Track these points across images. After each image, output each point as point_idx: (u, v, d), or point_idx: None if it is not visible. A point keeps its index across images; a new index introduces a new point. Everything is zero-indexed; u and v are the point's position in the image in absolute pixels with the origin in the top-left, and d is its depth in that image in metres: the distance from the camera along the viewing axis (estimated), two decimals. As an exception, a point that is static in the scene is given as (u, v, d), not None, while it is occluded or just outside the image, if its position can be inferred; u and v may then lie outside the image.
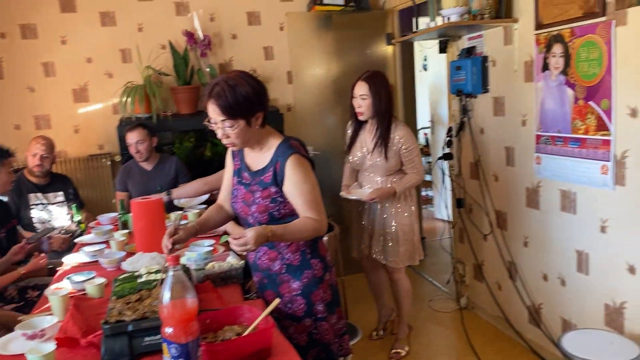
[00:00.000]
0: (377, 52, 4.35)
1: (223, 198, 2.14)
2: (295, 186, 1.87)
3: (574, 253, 2.67)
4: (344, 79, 4.27)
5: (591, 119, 2.44)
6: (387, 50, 4.37)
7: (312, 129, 4.27)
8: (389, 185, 2.93)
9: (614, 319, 2.48)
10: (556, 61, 2.61)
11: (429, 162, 6.11)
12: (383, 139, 2.88)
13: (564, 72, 2.57)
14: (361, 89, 2.86)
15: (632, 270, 2.35)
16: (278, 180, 1.88)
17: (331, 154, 4.34)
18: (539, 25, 2.70)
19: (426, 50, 5.53)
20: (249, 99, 1.79)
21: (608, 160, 2.37)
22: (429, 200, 6.43)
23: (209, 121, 1.84)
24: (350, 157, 3.06)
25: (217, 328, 1.58)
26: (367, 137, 2.98)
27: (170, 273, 1.31)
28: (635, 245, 2.32)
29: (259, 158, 1.95)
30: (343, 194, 3.06)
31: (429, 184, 6.11)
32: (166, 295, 1.29)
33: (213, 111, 1.79)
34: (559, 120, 2.63)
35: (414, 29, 3.48)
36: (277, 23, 4.28)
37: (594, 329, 2.44)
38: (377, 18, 4.32)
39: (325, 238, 2.59)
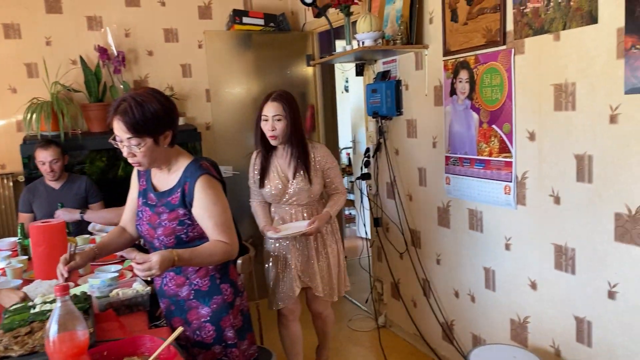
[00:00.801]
0: (297, 72, 4.39)
1: (126, 220, 2.05)
2: (205, 208, 1.82)
3: (481, 270, 2.78)
4: (263, 97, 4.26)
5: (494, 142, 2.56)
6: (308, 71, 4.42)
7: (231, 149, 4.21)
8: (324, 211, 2.72)
9: (518, 333, 2.59)
10: (462, 86, 2.73)
11: (352, 182, 6.21)
12: (303, 162, 2.67)
13: (470, 96, 2.69)
14: (274, 110, 2.61)
15: (533, 285, 2.47)
16: (187, 202, 1.83)
17: (251, 173, 4.30)
18: (446, 52, 2.82)
19: (347, 73, 5.64)
20: (157, 117, 1.73)
21: (510, 181, 2.49)
22: (351, 219, 6.53)
23: (114, 139, 1.76)
24: (267, 189, 2.72)
25: (116, 360, 1.50)
26: (283, 164, 2.72)
27: (58, 304, 1.22)
28: (535, 262, 2.44)
29: (166, 179, 1.89)
30: (272, 234, 2.65)
31: (351, 203, 6.19)
32: (53, 328, 1.21)
33: (119, 128, 1.72)
34: (466, 142, 2.74)
35: (333, 52, 3.54)
36: (196, 41, 4.22)
37: (500, 344, 2.53)
38: (297, 39, 4.36)
39: (239, 261, 2.55)
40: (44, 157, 3.28)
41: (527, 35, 2.33)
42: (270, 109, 2.63)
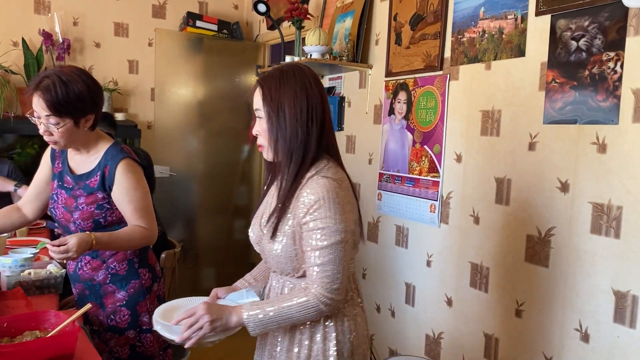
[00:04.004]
0: (246, 81, 4.41)
1: (26, 199, 1.98)
2: (125, 192, 1.80)
3: (403, 285, 2.85)
4: (209, 103, 4.27)
5: (425, 162, 2.67)
6: (256, 81, 4.45)
7: (171, 149, 4.17)
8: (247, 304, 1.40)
9: (432, 348, 2.66)
10: (400, 107, 2.84)
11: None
12: (284, 200, 1.41)
13: (406, 117, 2.80)
14: (255, 99, 1.44)
15: (449, 302, 2.56)
16: (106, 186, 1.80)
17: (188, 176, 4.27)
18: (388, 73, 2.93)
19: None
20: (80, 99, 1.71)
21: (436, 200, 2.60)
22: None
23: (32, 114, 1.72)
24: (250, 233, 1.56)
25: (16, 333, 1.45)
26: (274, 197, 1.49)
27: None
28: (453, 279, 2.53)
29: (84, 161, 1.85)
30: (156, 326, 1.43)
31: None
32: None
33: (38, 105, 1.68)
34: (399, 160, 2.84)
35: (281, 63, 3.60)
36: (146, 38, 4.18)
37: (413, 356, 2.60)
38: (249, 49, 4.40)
39: (162, 255, 2.52)
40: None
41: (462, 63, 2.47)
42: (254, 98, 1.45)
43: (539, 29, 2.10)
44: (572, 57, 1.98)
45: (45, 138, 1.73)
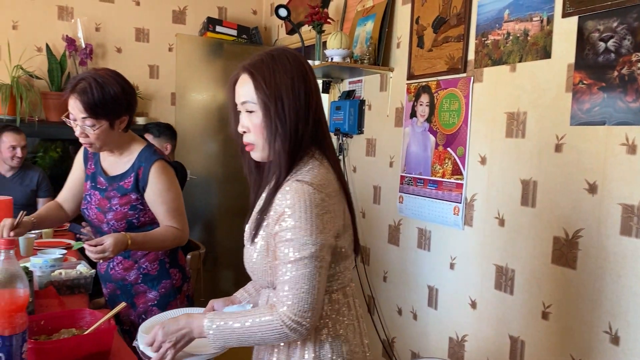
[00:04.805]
0: (264, 86, 4.44)
1: (64, 198, 2.02)
2: (159, 194, 1.82)
3: (426, 288, 2.85)
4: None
5: (448, 164, 2.67)
6: (275, 86, 4.48)
7: (191, 153, 4.21)
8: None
9: (456, 351, 2.65)
10: (423, 109, 2.84)
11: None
12: (265, 207, 1.29)
13: (429, 120, 2.80)
14: (243, 91, 1.28)
15: (473, 305, 2.55)
16: (140, 187, 1.82)
17: (208, 179, 4.30)
18: (410, 76, 2.94)
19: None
20: (116, 100, 1.73)
21: (460, 202, 2.59)
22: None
23: (67, 116, 1.75)
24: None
25: (52, 331, 1.47)
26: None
27: (1, 257, 1.20)
28: (477, 282, 2.52)
29: (117, 163, 1.87)
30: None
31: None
32: (-7, 282, 1.18)
33: (75, 107, 1.71)
34: (421, 163, 2.84)
35: (300, 67, 3.62)
36: (167, 43, 4.24)
37: (434, 358, 2.59)
38: (268, 54, 4.43)
39: (188, 256, 2.54)
40: (17, 141, 3.26)
41: (486, 65, 2.47)
42: (238, 90, 1.30)
43: (565, 30, 2.10)
44: (600, 58, 1.97)
45: (81, 140, 1.76)
